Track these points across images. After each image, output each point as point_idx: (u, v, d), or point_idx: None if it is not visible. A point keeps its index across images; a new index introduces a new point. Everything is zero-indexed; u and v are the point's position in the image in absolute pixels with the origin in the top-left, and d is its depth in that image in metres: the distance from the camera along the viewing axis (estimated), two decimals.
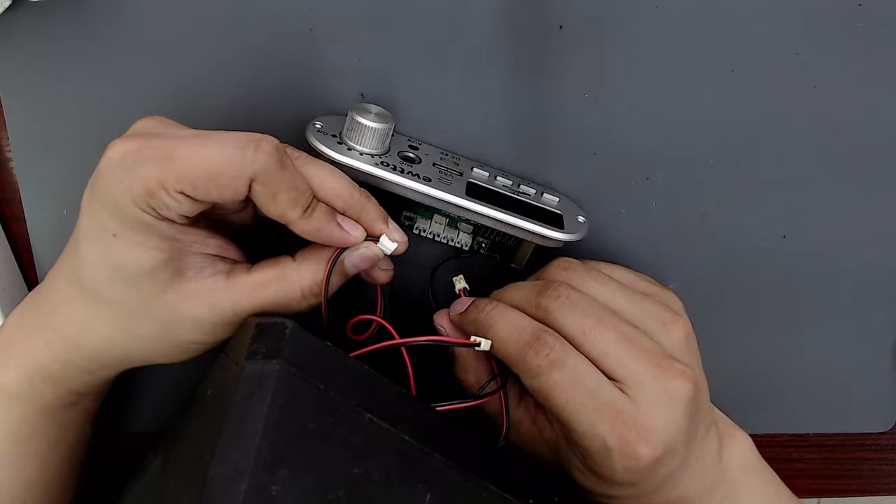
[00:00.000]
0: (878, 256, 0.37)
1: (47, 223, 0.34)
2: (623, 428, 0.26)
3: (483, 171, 0.33)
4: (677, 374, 0.27)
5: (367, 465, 0.23)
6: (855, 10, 0.33)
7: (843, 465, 0.43)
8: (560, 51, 0.33)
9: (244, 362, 0.23)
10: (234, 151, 0.24)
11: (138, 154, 0.24)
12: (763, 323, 0.38)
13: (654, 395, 0.27)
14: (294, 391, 0.23)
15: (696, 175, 0.35)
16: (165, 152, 0.24)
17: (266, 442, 0.21)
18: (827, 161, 0.35)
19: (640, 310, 0.29)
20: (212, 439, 0.21)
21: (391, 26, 0.32)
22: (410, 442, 0.24)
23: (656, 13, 0.32)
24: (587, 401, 0.26)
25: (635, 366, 0.27)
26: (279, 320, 0.25)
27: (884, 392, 0.40)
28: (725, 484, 0.30)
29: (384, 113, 0.30)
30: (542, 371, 0.27)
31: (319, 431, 0.22)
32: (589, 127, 0.34)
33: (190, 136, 0.25)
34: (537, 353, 0.27)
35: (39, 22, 0.31)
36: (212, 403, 0.25)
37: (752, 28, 0.33)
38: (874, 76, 0.34)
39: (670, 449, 0.27)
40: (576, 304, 0.28)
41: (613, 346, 0.27)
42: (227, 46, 0.32)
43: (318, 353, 0.25)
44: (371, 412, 0.24)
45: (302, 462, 0.21)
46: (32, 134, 0.33)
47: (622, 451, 0.26)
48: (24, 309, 0.30)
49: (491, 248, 0.34)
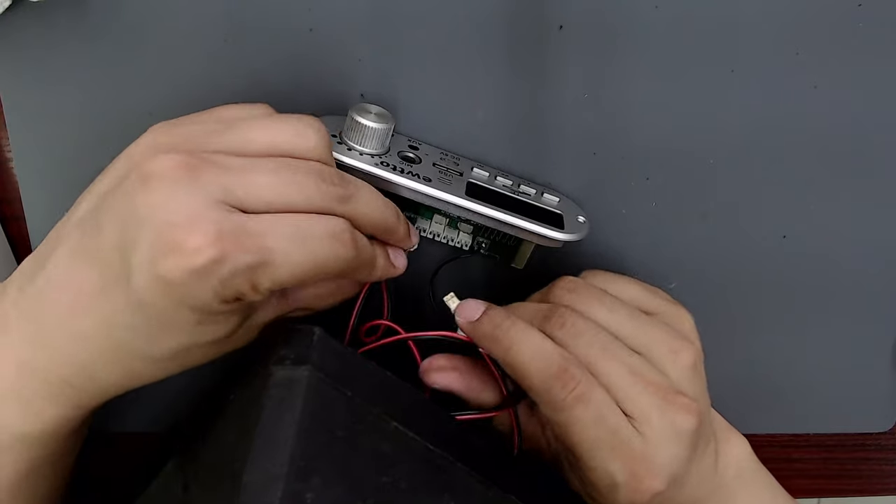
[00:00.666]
0: (878, 256, 0.37)
1: (47, 223, 0.34)
2: (633, 464, 0.26)
3: (483, 171, 0.33)
4: (683, 408, 0.27)
5: (394, 473, 0.22)
6: (855, 10, 0.33)
7: (843, 465, 0.43)
8: (560, 51, 0.33)
9: (273, 367, 0.23)
10: (330, 253, 0.24)
11: (230, 259, 0.21)
12: (763, 323, 0.38)
13: (661, 429, 0.27)
14: (323, 398, 0.22)
15: (696, 175, 0.35)
16: (261, 257, 0.22)
17: (298, 449, 0.21)
18: (827, 161, 0.35)
19: (649, 338, 0.28)
20: (242, 445, 0.21)
21: (391, 26, 0.32)
22: (434, 451, 0.24)
23: (656, 13, 0.32)
24: (607, 440, 0.26)
25: (641, 399, 0.27)
26: (307, 326, 0.24)
27: (884, 392, 0.40)
28: (720, 491, 0.30)
29: (384, 113, 0.30)
30: (567, 406, 0.26)
31: (348, 439, 0.22)
32: (589, 127, 0.34)
33: (260, 203, 0.23)
34: (564, 387, 0.26)
35: (39, 22, 0.31)
36: (237, 408, 0.24)
37: (752, 28, 0.33)
38: (874, 76, 0.34)
39: (673, 481, 0.27)
40: (581, 333, 0.27)
41: (619, 377, 0.27)
42: (227, 46, 0.32)
43: (344, 359, 0.25)
44: (396, 420, 0.24)
45: (333, 470, 0.21)
46: (32, 134, 0.33)
47: (629, 486, 0.26)
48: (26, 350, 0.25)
49: (491, 247, 0.34)
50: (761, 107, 0.34)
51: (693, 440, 0.27)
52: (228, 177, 0.22)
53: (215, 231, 0.21)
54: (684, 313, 0.31)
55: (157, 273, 0.21)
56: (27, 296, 0.24)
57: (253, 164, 0.23)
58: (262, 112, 0.26)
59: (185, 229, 0.21)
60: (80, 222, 0.24)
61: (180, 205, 0.21)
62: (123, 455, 0.36)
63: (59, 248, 0.24)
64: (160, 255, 0.21)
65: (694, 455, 0.28)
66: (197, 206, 0.21)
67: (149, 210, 0.21)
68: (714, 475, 0.30)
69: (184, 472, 0.26)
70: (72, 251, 0.24)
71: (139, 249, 0.21)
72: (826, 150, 0.35)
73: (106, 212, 0.23)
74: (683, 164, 0.35)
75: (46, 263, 0.24)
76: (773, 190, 0.36)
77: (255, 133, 0.24)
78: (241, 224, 0.22)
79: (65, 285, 0.23)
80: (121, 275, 0.22)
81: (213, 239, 0.21)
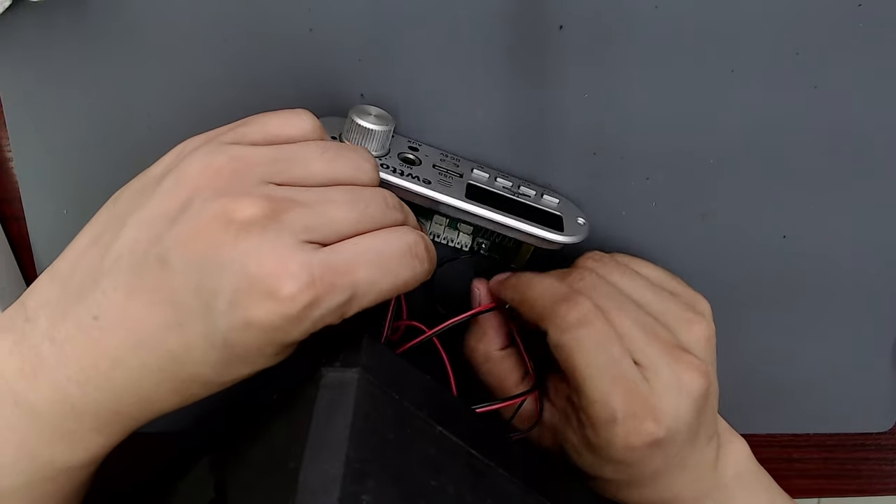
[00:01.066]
0: (879, 256, 0.37)
1: (47, 223, 0.34)
2: (634, 404, 0.26)
3: (483, 173, 0.33)
4: (692, 366, 0.27)
5: (441, 478, 0.22)
6: (855, 10, 0.33)
7: (843, 465, 0.43)
8: (560, 51, 0.33)
9: (322, 370, 0.22)
10: (410, 271, 0.24)
11: (325, 301, 0.22)
12: (763, 323, 0.38)
13: (668, 380, 0.27)
14: (374, 401, 0.22)
15: (696, 175, 0.35)
16: (352, 292, 0.22)
17: (353, 451, 0.20)
18: (827, 161, 0.35)
19: (664, 307, 0.29)
20: (294, 445, 0.21)
21: (391, 26, 0.32)
22: (477, 456, 0.24)
23: (656, 13, 0.32)
24: (607, 367, 0.26)
25: (650, 351, 0.27)
26: (354, 330, 0.24)
27: (884, 392, 0.40)
28: (718, 491, 0.30)
29: (384, 115, 0.30)
30: (571, 326, 0.27)
31: (398, 442, 0.22)
32: (589, 127, 0.34)
33: (343, 227, 0.23)
34: (569, 309, 0.27)
35: (39, 22, 0.31)
36: (282, 408, 0.24)
37: (752, 28, 0.33)
38: (874, 76, 0.34)
39: (671, 436, 0.27)
40: (597, 287, 0.28)
41: (630, 329, 0.27)
42: (227, 46, 0.32)
43: (390, 363, 0.25)
44: (441, 424, 0.24)
45: (386, 473, 0.21)
46: (32, 134, 0.33)
47: (627, 425, 0.26)
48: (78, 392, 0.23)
49: (491, 248, 0.34)
50: (761, 107, 0.34)
51: (697, 401, 0.27)
52: (309, 215, 0.23)
53: (307, 276, 0.21)
54: (702, 299, 0.31)
55: (248, 318, 0.21)
56: (66, 330, 0.23)
57: (327, 198, 0.23)
58: (310, 126, 0.26)
59: (278, 277, 0.21)
60: (131, 257, 0.22)
61: (269, 251, 0.21)
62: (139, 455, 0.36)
63: (103, 283, 0.22)
64: (253, 302, 0.21)
65: (695, 420, 0.27)
66: (285, 250, 0.21)
67: (237, 256, 0.21)
68: (713, 472, 0.30)
69: (220, 470, 0.26)
70: (128, 289, 0.22)
71: (224, 294, 0.21)
72: (826, 149, 0.35)
73: (174, 251, 0.22)
74: (683, 164, 0.35)
75: (87, 299, 0.23)
76: (773, 190, 0.36)
77: (316, 166, 0.24)
78: (328, 263, 0.22)
79: (121, 323, 0.22)
80: (198, 315, 0.22)
81: (306, 285, 0.21)
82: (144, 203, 0.23)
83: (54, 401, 0.23)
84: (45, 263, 0.35)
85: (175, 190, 0.23)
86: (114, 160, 0.33)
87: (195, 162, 0.23)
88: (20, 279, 0.35)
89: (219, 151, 0.23)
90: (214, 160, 0.23)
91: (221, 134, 0.25)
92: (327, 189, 0.24)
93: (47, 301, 0.24)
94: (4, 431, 0.23)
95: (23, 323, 0.24)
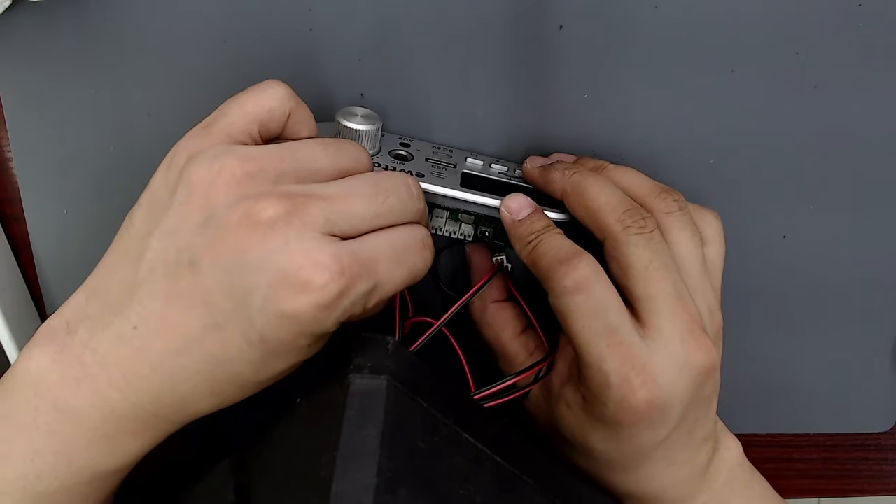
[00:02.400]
0: (879, 256, 0.37)
1: (47, 223, 0.34)
2: (630, 369, 0.26)
3: (477, 161, 0.33)
4: (704, 347, 0.27)
5: (469, 486, 0.22)
6: (855, 10, 0.33)
7: (843, 465, 0.43)
8: (560, 51, 0.33)
9: (350, 376, 0.22)
10: (422, 262, 0.26)
11: (354, 289, 0.23)
12: (763, 323, 0.38)
13: (674, 354, 0.27)
14: (403, 408, 0.22)
15: (696, 175, 0.35)
16: (375, 281, 0.23)
17: (385, 460, 0.20)
18: (827, 160, 0.35)
19: (702, 288, 0.29)
20: (324, 453, 0.21)
21: (391, 26, 0.32)
22: (503, 464, 0.24)
23: (656, 13, 0.32)
24: (603, 334, 0.26)
25: (670, 324, 0.27)
26: (380, 335, 0.24)
27: (884, 392, 0.40)
28: (708, 494, 0.30)
29: (370, 114, 0.30)
30: (567, 292, 0.27)
31: (428, 451, 0.22)
32: (589, 127, 0.34)
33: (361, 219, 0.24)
34: (566, 274, 0.27)
35: (39, 22, 0.31)
36: (307, 414, 0.24)
37: (752, 28, 0.33)
38: (874, 76, 0.34)
39: (664, 409, 0.27)
40: (652, 242, 0.28)
41: (665, 294, 0.27)
42: (227, 46, 0.32)
43: (416, 369, 0.24)
44: (467, 432, 0.24)
45: (417, 482, 0.21)
46: (32, 134, 0.33)
47: (620, 390, 0.26)
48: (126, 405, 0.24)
49: (495, 235, 0.34)
50: (761, 107, 0.34)
51: (697, 381, 0.27)
52: (330, 207, 0.23)
53: (338, 266, 0.22)
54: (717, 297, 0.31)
55: (283, 311, 0.22)
56: (106, 341, 0.24)
57: (347, 191, 0.24)
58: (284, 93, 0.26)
59: (310, 269, 0.22)
60: (164, 265, 0.23)
61: (297, 246, 0.22)
62: None
63: (139, 294, 0.24)
64: (287, 295, 0.22)
65: (692, 402, 0.27)
66: (312, 244, 0.22)
67: (266, 255, 0.22)
68: (704, 475, 0.30)
69: (241, 473, 0.26)
70: (164, 297, 0.23)
71: (259, 291, 0.22)
72: (826, 149, 0.35)
73: (205, 257, 0.23)
74: (683, 164, 0.35)
75: (126, 310, 0.24)
76: (773, 190, 0.36)
77: (322, 161, 0.25)
78: (354, 253, 0.23)
79: (160, 329, 0.23)
80: (234, 315, 0.23)
81: (338, 274, 0.22)
82: (163, 217, 0.24)
83: (95, 406, 0.24)
84: (45, 263, 0.35)
85: (192, 198, 0.23)
86: (114, 160, 0.33)
87: (203, 169, 0.23)
88: (20, 279, 0.35)
89: (225, 154, 0.24)
90: (225, 164, 0.23)
91: (207, 130, 0.25)
92: (348, 180, 0.25)
93: (87, 316, 0.25)
94: (46, 436, 0.24)
95: (64, 336, 0.25)
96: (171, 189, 0.24)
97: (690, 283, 0.29)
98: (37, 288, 0.35)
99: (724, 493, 0.30)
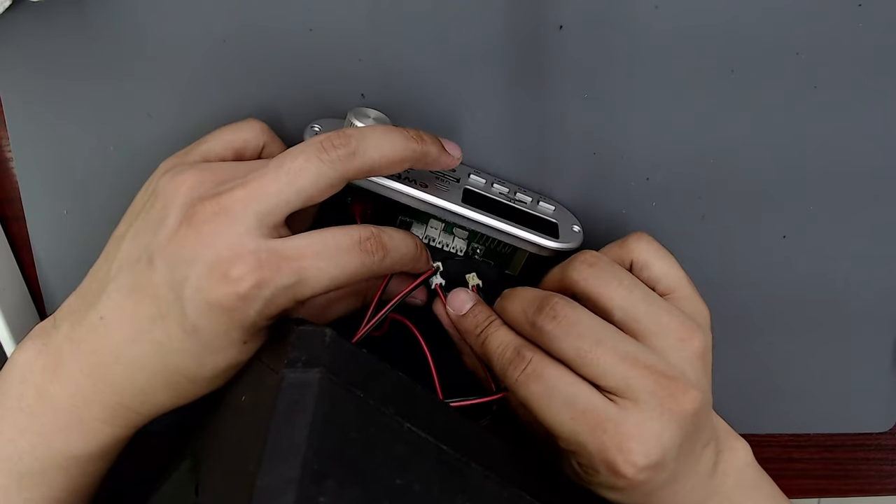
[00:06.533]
0: (879, 256, 0.37)
1: (47, 223, 0.34)
2: (603, 436, 0.26)
3: (480, 178, 0.33)
4: (678, 390, 0.27)
5: (408, 475, 0.22)
6: (855, 10, 0.33)
7: (843, 465, 0.43)
8: (560, 51, 0.33)
9: (284, 370, 0.23)
10: (358, 262, 0.27)
11: (271, 282, 0.25)
12: (763, 323, 0.38)
13: (648, 408, 0.26)
14: (335, 400, 0.22)
15: (696, 175, 0.35)
16: (298, 276, 0.25)
17: (311, 452, 0.21)
18: (827, 161, 0.35)
19: (659, 326, 0.28)
20: (255, 449, 0.21)
21: (391, 26, 0.32)
22: (448, 451, 0.24)
23: (656, 13, 0.32)
24: (564, 409, 0.27)
25: (634, 382, 0.27)
26: (318, 328, 0.24)
27: (884, 392, 0.40)
28: (717, 498, 0.30)
29: (382, 117, 0.30)
30: (521, 384, 0.28)
31: (362, 441, 0.22)
32: (589, 127, 0.34)
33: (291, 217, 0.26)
34: (516, 368, 0.28)
35: (39, 22, 0.31)
36: (248, 410, 0.25)
37: (752, 28, 0.33)
38: (874, 77, 0.34)
39: (657, 463, 0.26)
40: (573, 324, 0.28)
41: (611, 366, 0.27)
42: (227, 46, 0.32)
43: (356, 360, 0.24)
44: (409, 421, 0.24)
45: (347, 473, 0.21)
46: (32, 134, 0.33)
47: (601, 458, 0.26)
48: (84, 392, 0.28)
49: (485, 254, 0.34)
50: (761, 107, 0.34)
51: (683, 424, 0.27)
52: (252, 196, 0.25)
53: (255, 259, 0.25)
54: (701, 303, 0.31)
55: (209, 300, 0.25)
56: (81, 331, 0.27)
57: (260, 175, 0.26)
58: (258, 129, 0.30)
59: (230, 261, 0.25)
60: (129, 263, 0.27)
61: (223, 241, 0.25)
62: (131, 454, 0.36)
63: (108, 288, 0.27)
64: (211, 285, 0.25)
65: (685, 442, 0.27)
66: (237, 238, 0.25)
67: (198, 249, 0.25)
68: (711, 480, 0.30)
69: (196, 474, 0.26)
70: (126, 289, 0.26)
71: (190, 282, 0.25)
72: (826, 149, 0.35)
73: (157, 254, 0.26)
74: (683, 164, 0.35)
75: (97, 303, 0.27)
76: (774, 190, 0.36)
77: (215, 149, 0.29)
78: (275, 249, 0.25)
79: (120, 320, 0.26)
80: (173, 306, 0.25)
81: (254, 267, 0.25)
82: (134, 222, 0.28)
83: (68, 391, 0.27)
84: (45, 263, 0.35)
85: (156, 205, 0.27)
86: (114, 160, 0.33)
87: (167, 181, 0.27)
88: (20, 279, 0.35)
89: (189, 168, 0.27)
90: (187, 176, 0.26)
91: (187, 153, 0.29)
92: (247, 162, 0.28)
93: (70, 311, 0.28)
94: (28, 418, 0.27)
95: (50, 329, 0.28)
96: (146, 199, 0.28)
97: (643, 326, 0.28)
98: (37, 288, 0.35)
99: (735, 495, 0.30)
